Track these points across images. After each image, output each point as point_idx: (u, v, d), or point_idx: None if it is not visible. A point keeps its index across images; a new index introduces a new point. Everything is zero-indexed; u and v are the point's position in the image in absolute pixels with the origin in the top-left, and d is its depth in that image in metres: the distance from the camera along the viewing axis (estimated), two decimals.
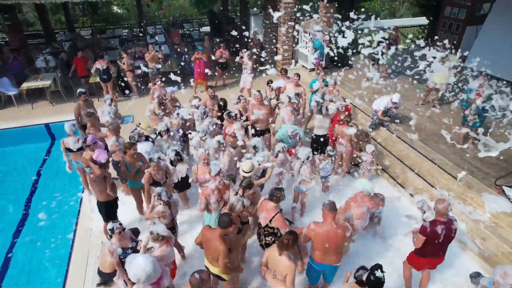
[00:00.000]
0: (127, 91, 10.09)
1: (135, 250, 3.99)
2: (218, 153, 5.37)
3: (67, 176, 7.10)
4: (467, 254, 5.07)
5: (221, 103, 6.94)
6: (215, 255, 3.59)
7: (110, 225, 3.83)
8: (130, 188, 5.58)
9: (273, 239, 4.25)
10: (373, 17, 5.87)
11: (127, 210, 5.71)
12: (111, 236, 3.90)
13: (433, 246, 3.93)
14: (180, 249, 4.84)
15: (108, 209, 5.02)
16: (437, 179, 6.15)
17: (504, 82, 8.24)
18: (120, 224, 3.93)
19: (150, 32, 15.63)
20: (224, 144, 5.37)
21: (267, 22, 11.04)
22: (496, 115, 6.47)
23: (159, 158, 4.88)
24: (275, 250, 3.49)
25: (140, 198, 5.60)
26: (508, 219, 5.09)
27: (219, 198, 4.42)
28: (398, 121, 7.37)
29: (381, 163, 6.91)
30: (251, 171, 4.64)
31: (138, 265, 3.03)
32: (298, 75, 7.48)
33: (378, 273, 2.95)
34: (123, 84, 9.91)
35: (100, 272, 4.34)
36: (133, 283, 3.19)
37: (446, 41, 7.38)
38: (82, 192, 6.49)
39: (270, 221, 4.10)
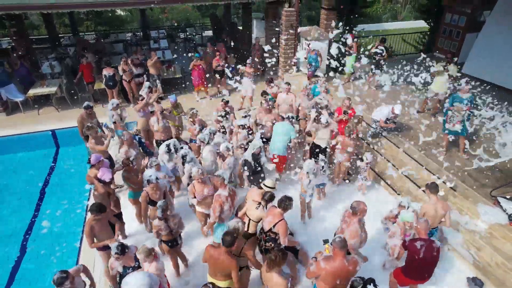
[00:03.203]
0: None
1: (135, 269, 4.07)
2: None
3: (73, 183, 7.31)
4: (462, 264, 5.20)
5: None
6: (225, 271, 3.74)
7: (113, 246, 3.89)
8: (129, 199, 5.73)
9: (272, 245, 4.40)
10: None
11: (130, 217, 5.88)
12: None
13: (416, 264, 4.04)
14: (184, 259, 5.00)
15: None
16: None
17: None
18: (121, 251, 3.87)
19: (153, 36, 15.81)
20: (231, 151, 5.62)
21: (270, 30, 11.19)
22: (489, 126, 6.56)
23: (157, 178, 4.91)
24: (265, 267, 3.58)
25: (139, 208, 5.62)
26: (502, 230, 5.21)
27: (231, 204, 4.61)
28: (396, 130, 7.50)
29: (379, 171, 7.06)
30: (274, 187, 4.88)
31: (138, 281, 3.16)
32: (289, 84, 7.58)
33: None
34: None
35: None
36: None
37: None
38: (88, 200, 6.67)
39: (274, 226, 4.24)
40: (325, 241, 4.54)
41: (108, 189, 5.00)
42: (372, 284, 3.10)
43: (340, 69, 9.52)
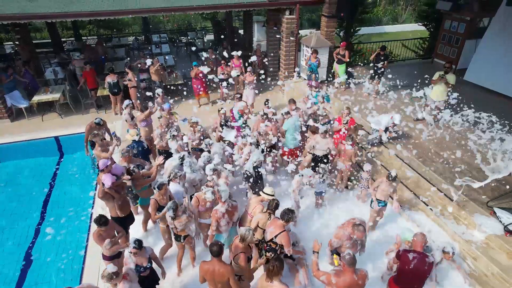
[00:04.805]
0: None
1: (146, 270, 4.30)
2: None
3: (77, 190, 7.44)
4: (458, 273, 5.30)
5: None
6: (224, 280, 3.85)
7: (130, 241, 4.11)
8: (140, 205, 5.97)
9: (272, 255, 4.54)
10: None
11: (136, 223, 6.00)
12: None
13: (406, 274, 4.18)
14: (192, 255, 5.30)
15: (120, 224, 5.30)
16: (432, 198, 6.39)
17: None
18: (138, 245, 4.14)
19: (155, 41, 15.95)
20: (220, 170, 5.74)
21: (271, 35, 11.29)
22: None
23: (162, 184, 5.04)
24: (264, 279, 3.69)
25: (149, 214, 5.87)
26: (498, 240, 5.32)
27: (229, 220, 4.75)
28: (395, 139, 7.61)
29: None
30: (273, 194, 5.10)
31: None
32: (294, 101, 7.59)
33: None
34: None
35: None
36: None
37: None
38: (92, 208, 6.80)
39: (276, 236, 4.38)
40: (333, 252, 4.69)
41: (112, 193, 5.13)
42: None
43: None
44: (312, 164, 6.71)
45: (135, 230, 5.92)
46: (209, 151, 6.36)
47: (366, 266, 5.02)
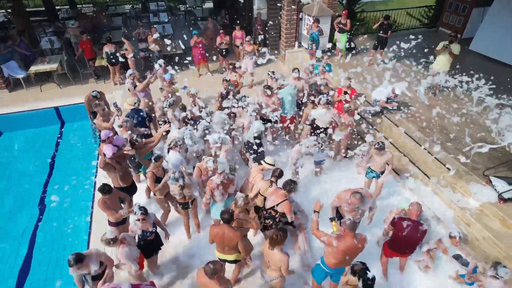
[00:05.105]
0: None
1: (152, 234, 4.47)
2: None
3: (79, 159, 7.52)
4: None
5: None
6: (232, 244, 4.07)
7: (137, 209, 4.22)
8: (143, 173, 6.09)
9: (271, 222, 4.72)
10: None
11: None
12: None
13: (399, 240, 4.37)
14: (196, 221, 5.50)
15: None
16: (430, 167, 6.50)
17: None
18: (145, 211, 4.27)
19: (152, 9, 15.47)
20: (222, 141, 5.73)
21: (272, 3, 10.95)
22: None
23: (159, 156, 5.10)
24: (267, 244, 3.88)
25: None
26: (492, 208, 5.46)
27: (223, 191, 4.86)
28: (396, 108, 7.60)
29: None
30: (274, 164, 5.23)
31: None
32: (298, 70, 7.50)
33: (370, 275, 3.40)
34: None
35: None
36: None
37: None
38: (95, 177, 6.91)
39: (277, 205, 4.53)
40: (332, 219, 4.90)
41: (113, 163, 5.21)
42: (366, 270, 3.42)
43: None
44: (312, 132, 6.73)
45: (138, 198, 6.03)
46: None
47: (364, 231, 5.17)
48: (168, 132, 6.41)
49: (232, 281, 4.64)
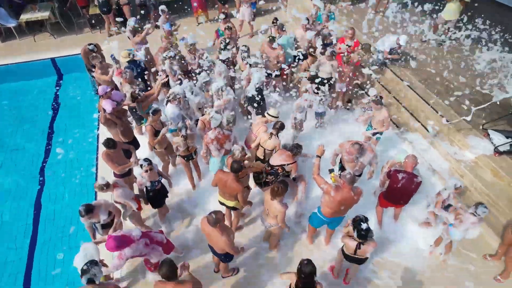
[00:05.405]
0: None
1: (159, 183, 4.69)
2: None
3: (80, 112, 7.51)
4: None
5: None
6: (233, 193, 4.30)
7: (142, 162, 4.38)
8: (146, 126, 6.08)
9: (273, 178, 4.91)
10: None
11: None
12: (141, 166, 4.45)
13: (394, 191, 4.56)
14: (198, 171, 5.72)
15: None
16: (429, 119, 6.51)
17: None
18: (150, 162, 4.44)
19: None
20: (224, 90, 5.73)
21: None
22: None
23: (156, 110, 5.12)
24: (268, 194, 4.08)
25: None
26: (486, 160, 5.60)
27: (219, 146, 4.97)
28: (401, 60, 7.42)
29: None
30: (277, 116, 5.29)
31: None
32: (307, 20, 7.15)
33: (363, 226, 3.59)
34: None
35: None
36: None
37: None
38: (98, 129, 6.99)
39: (287, 165, 4.75)
40: (331, 171, 5.10)
41: (113, 119, 5.26)
42: (361, 221, 3.62)
43: None
44: (312, 85, 6.66)
45: (141, 151, 6.14)
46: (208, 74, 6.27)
47: (362, 181, 5.37)
48: (166, 83, 6.36)
49: (233, 228, 4.96)
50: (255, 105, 6.20)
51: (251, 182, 5.24)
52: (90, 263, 3.30)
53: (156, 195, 4.74)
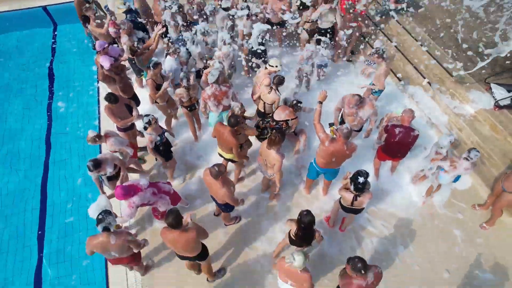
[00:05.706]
0: None
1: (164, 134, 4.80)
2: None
3: (79, 64, 7.37)
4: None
5: None
6: (229, 146, 4.45)
7: (145, 118, 4.41)
8: (146, 79, 6.02)
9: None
10: None
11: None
12: (145, 128, 4.50)
13: (391, 145, 4.66)
14: (199, 122, 5.81)
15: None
16: (432, 73, 6.44)
17: None
18: (153, 116, 4.48)
19: None
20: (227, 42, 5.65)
21: None
22: None
23: (156, 63, 5.06)
24: (265, 144, 4.20)
25: None
26: (485, 114, 5.64)
27: (216, 102, 5.00)
28: (406, 9, 7.08)
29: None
30: (278, 66, 5.25)
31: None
32: None
33: (360, 179, 3.72)
34: None
35: None
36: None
37: None
38: (98, 82, 6.92)
39: (292, 119, 4.92)
40: (331, 124, 5.21)
41: (112, 75, 5.20)
42: (358, 175, 3.76)
43: None
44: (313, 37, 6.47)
45: (142, 105, 6.13)
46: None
47: (361, 135, 5.47)
48: (165, 33, 6.17)
49: (234, 180, 5.17)
50: (259, 58, 6.10)
51: (252, 138, 5.35)
52: (104, 212, 3.51)
53: (165, 148, 4.87)
